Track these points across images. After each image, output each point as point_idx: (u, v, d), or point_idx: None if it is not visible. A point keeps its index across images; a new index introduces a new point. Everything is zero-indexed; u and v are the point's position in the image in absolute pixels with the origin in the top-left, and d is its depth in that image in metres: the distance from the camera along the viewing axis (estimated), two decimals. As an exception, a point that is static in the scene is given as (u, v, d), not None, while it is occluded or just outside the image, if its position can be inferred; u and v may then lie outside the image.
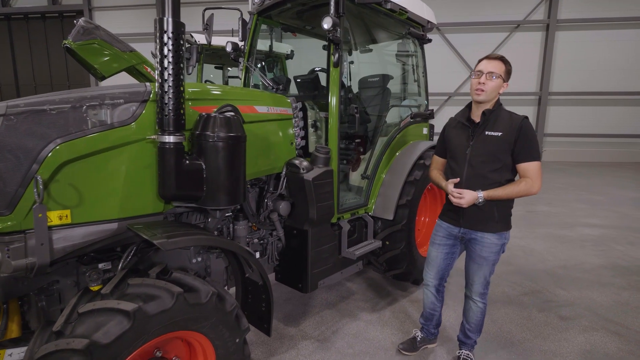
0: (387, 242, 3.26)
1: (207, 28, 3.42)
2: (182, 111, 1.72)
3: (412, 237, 3.30)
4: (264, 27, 3.70)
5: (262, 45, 4.55)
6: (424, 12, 3.60)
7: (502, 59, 2.13)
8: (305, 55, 5.18)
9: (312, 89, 3.57)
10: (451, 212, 2.33)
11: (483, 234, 2.22)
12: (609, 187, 9.21)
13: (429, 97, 4.00)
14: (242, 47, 3.52)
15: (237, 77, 3.81)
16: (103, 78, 4.43)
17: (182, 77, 1.70)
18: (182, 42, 1.66)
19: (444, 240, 2.42)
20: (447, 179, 2.32)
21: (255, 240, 2.63)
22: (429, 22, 3.69)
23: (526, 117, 2.13)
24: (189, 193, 1.83)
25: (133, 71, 4.71)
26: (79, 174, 1.65)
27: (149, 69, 4.76)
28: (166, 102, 1.66)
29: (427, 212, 3.89)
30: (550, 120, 14.72)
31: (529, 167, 2.08)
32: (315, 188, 2.48)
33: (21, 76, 16.21)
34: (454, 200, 2.17)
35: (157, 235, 1.58)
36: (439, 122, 2.85)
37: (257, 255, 2.69)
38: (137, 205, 1.82)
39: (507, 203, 2.20)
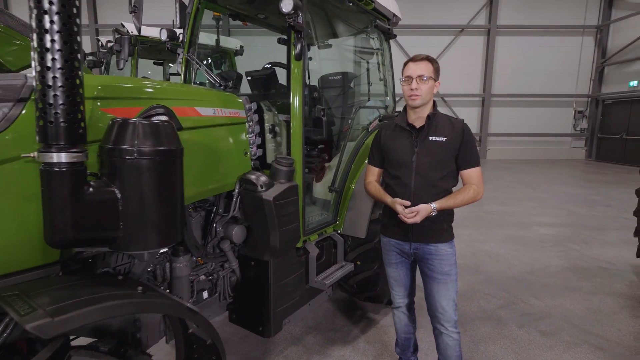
0: (359, 263, 2.86)
1: (136, 11, 2.75)
2: (79, 115, 1.14)
3: (385, 255, 2.92)
4: (209, 16, 3.12)
5: (208, 39, 3.95)
6: (389, 4, 3.25)
7: (428, 59, 2.00)
8: (257, 52, 4.65)
9: (268, 87, 3.06)
10: (397, 228, 2.09)
11: (437, 246, 2.03)
12: (551, 184, 9.73)
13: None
14: (181, 35, 2.91)
15: (178, 73, 3.22)
16: (10, 72, 3.55)
17: (78, 64, 1.13)
18: (77, 9, 1.09)
19: (398, 258, 2.18)
20: (386, 191, 2.09)
21: (202, 277, 2.08)
22: (394, 15, 3.35)
23: (464, 120, 2.03)
24: (95, 235, 1.24)
25: None
26: None
27: None
28: (51, 101, 1.08)
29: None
30: (492, 121, 15.49)
31: (473, 174, 2.01)
32: (277, 209, 1.99)
33: None
34: (408, 221, 1.92)
35: (37, 310, 0.99)
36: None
37: (205, 295, 2.14)
38: (12, 258, 1.20)
39: (452, 211, 2.09)
